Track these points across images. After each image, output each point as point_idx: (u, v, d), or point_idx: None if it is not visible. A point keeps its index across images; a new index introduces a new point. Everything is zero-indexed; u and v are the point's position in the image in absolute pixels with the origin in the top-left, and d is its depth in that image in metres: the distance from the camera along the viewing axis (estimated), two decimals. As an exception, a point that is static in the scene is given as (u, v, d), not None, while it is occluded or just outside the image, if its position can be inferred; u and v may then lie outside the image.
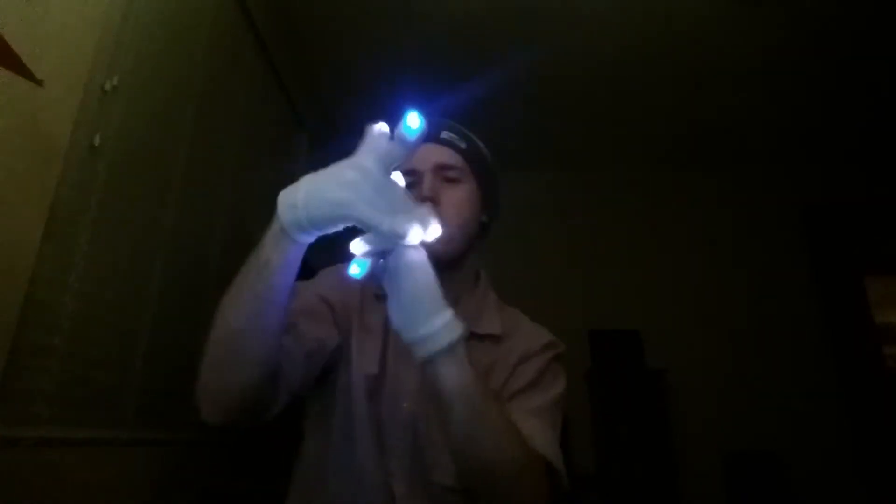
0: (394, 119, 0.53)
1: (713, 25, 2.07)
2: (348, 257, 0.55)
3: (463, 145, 0.80)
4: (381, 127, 0.52)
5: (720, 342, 2.73)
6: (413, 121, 0.49)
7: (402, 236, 0.49)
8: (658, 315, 2.79)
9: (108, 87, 0.99)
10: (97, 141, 0.96)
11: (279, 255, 0.54)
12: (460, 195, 0.78)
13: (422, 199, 0.73)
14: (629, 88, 2.47)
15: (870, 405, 2.52)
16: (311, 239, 0.53)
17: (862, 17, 2.01)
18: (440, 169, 0.77)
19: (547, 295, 2.73)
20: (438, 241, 0.66)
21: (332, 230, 0.52)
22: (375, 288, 0.82)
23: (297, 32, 2.15)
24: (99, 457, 0.99)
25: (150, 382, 1.16)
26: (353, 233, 0.54)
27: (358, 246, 0.54)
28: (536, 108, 2.65)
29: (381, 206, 0.48)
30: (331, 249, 0.65)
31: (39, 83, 0.66)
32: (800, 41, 2.15)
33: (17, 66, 0.63)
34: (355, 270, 0.54)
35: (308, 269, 0.97)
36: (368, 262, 0.54)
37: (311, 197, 0.50)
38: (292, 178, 0.49)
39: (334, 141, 2.75)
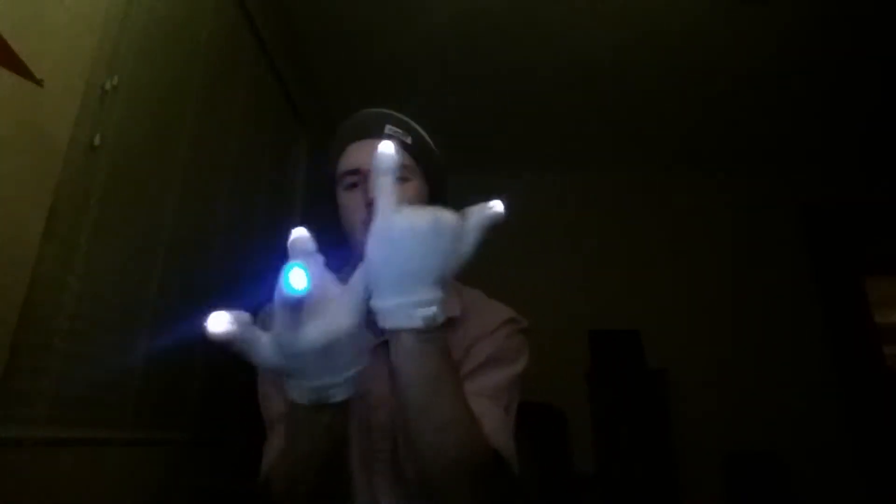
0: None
1: (714, 25, 2.07)
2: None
3: (408, 140, 0.75)
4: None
5: (720, 342, 2.73)
6: (297, 280, 0.42)
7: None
8: (658, 315, 2.79)
9: (108, 87, 0.99)
10: (97, 141, 0.96)
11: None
12: (408, 194, 0.73)
13: (367, 203, 0.69)
14: (630, 89, 2.47)
15: (870, 405, 2.52)
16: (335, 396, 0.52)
17: (862, 16, 2.01)
18: None
19: (547, 295, 2.73)
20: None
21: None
22: None
23: (297, 32, 2.15)
24: (99, 457, 0.99)
25: (150, 382, 1.16)
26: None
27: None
28: (536, 109, 2.65)
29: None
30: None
31: (39, 83, 0.66)
32: (800, 41, 2.15)
33: (17, 66, 0.63)
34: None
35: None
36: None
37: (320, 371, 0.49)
38: (293, 177, 0.48)
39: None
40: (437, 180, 0.80)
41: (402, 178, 0.72)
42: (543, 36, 2.17)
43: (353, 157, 0.74)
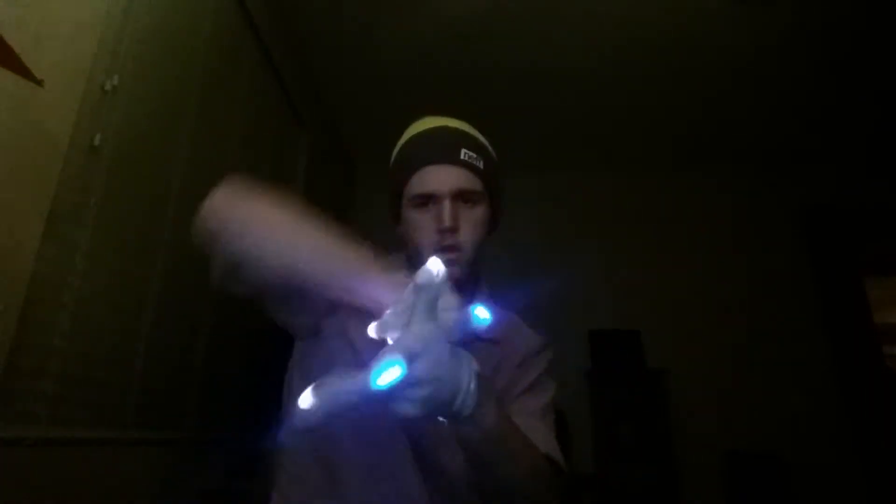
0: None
1: (714, 25, 2.07)
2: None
3: (480, 165, 0.76)
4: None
5: (720, 342, 2.73)
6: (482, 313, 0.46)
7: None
8: (658, 315, 2.79)
9: (108, 87, 0.99)
10: (97, 141, 0.96)
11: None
12: (477, 217, 0.76)
13: (440, 230, 0.72)
14: (629, 88, 2.47)
15: (870, 405, 2.52)
16: None
17: (863, 16, 2.01)
18: (459, 195, 0.74)
19: (547, 295, 2.73)
20: (458, 266, 0.73)
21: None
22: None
23: (297, 32, 2.15)
24: (99, 457, 0.99)
25: (150, 382, 1.16)
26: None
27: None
28: (536, 110, 2.65)
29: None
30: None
31: (39, 83, 0.66)
32: (800, 41, 2.15)
33: (17, 66, 0.63)
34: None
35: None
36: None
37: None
38: (293, 178, 0.48)
39: (334, 140, 2.75)
40: (500, 196, 0.82)
41: (472, 202, 0.75)
42: (544, 37, 2.17)
43: (427, 181, 0.75)
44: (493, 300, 0.87)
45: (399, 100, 2.47)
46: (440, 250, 0.73)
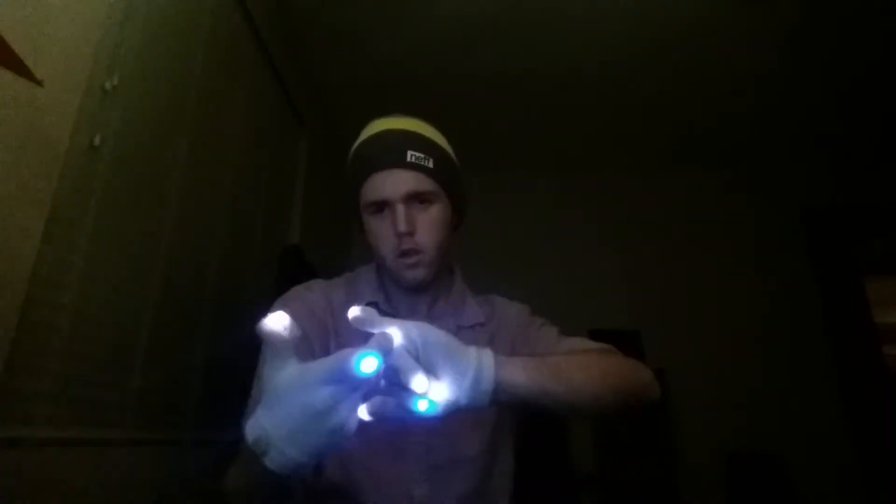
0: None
1: (714, 25, 2.07)
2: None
3: (430, 165, 0.75)
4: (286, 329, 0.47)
5: (720, 342, 2.73)
6: (368, 365, 0.44)
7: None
8: (658, 315, 2.79)
9: (108, 87, 0.99)
10: (97, 141, 0.96)
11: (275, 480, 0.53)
12: (434, 217, 0.76)
13: (397, 235, 0.73)
14: (628, 88, 2.47)
15: (870, 405, 2.52)
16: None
17: (864, 16, 2.01)
18: (411, 197, 0.74)
19: (547, 294, 2.73)
20: (422, 267, 0.75)
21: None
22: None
23: (297, 32, 2.15)
24: (99, 457, 0.99)
25: (150, 382, 1.16)
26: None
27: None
28: (536, 110, 2.65)
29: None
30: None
31: (39, 83, 0.66)
32: (801, 41, 2.15)
33: (17, 66, 0.63)
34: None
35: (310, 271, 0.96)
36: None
37: (290, 443, 0.46)
38: (293, 178, 0.47)
39: (334, 141, 2.75)
40: (459, 192, 0.82)
41: (427, 201, 0.75)
42: (544, 37, 2.17)
43: (377, 188, 0.75)
44: (468, 292, 0.89)
45: (399, 100, 2.46)
46: (400, 255, 0.74)
